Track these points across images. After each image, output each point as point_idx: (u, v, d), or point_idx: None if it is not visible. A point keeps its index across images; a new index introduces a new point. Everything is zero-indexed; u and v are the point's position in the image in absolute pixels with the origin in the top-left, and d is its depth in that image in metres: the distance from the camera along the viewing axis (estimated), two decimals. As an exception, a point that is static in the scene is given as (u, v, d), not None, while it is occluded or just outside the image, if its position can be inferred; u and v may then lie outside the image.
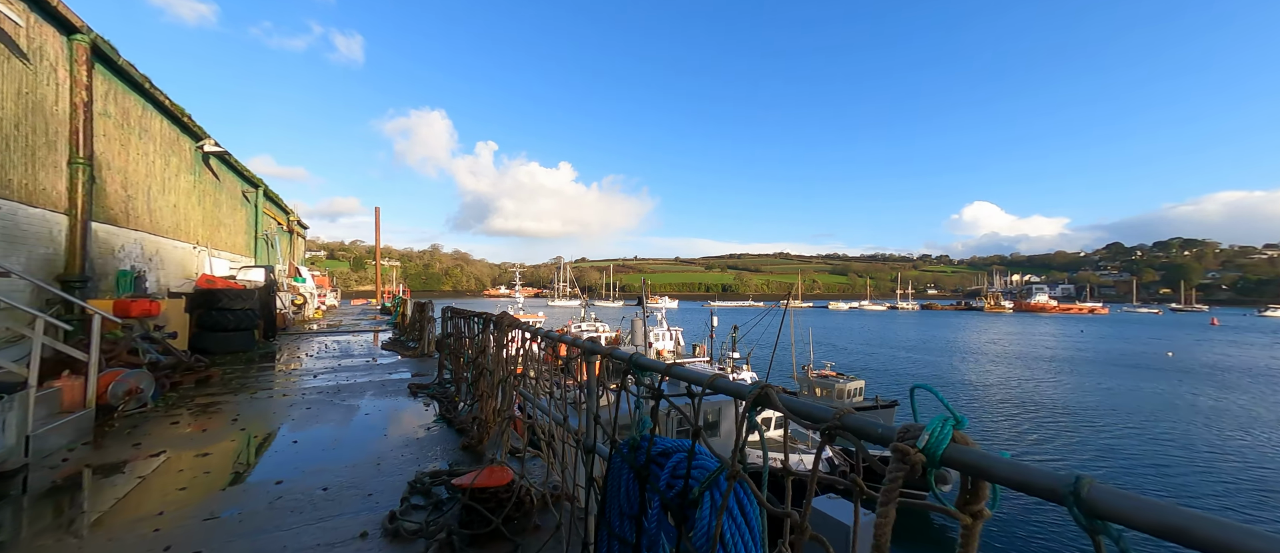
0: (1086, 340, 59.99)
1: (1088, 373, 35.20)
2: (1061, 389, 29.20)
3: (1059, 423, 21.96)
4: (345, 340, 13.32)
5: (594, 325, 41.38)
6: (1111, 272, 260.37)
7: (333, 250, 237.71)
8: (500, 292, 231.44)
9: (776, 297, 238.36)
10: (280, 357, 10.45)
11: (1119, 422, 22.22)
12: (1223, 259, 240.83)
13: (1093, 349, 50.54)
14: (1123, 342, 58.03)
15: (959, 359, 42.86)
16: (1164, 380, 32.21)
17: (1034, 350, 49.56)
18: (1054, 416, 23.24)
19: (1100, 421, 22.41)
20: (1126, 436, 20.27)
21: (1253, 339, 62.20)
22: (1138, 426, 21.62)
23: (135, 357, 6.45)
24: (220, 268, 14.71)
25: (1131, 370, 36.33)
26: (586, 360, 2.80)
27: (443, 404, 6.19)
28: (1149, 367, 38.28)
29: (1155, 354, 46.13)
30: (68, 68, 7.58)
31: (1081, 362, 41.00)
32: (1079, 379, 32.73)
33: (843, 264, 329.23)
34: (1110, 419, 22.59)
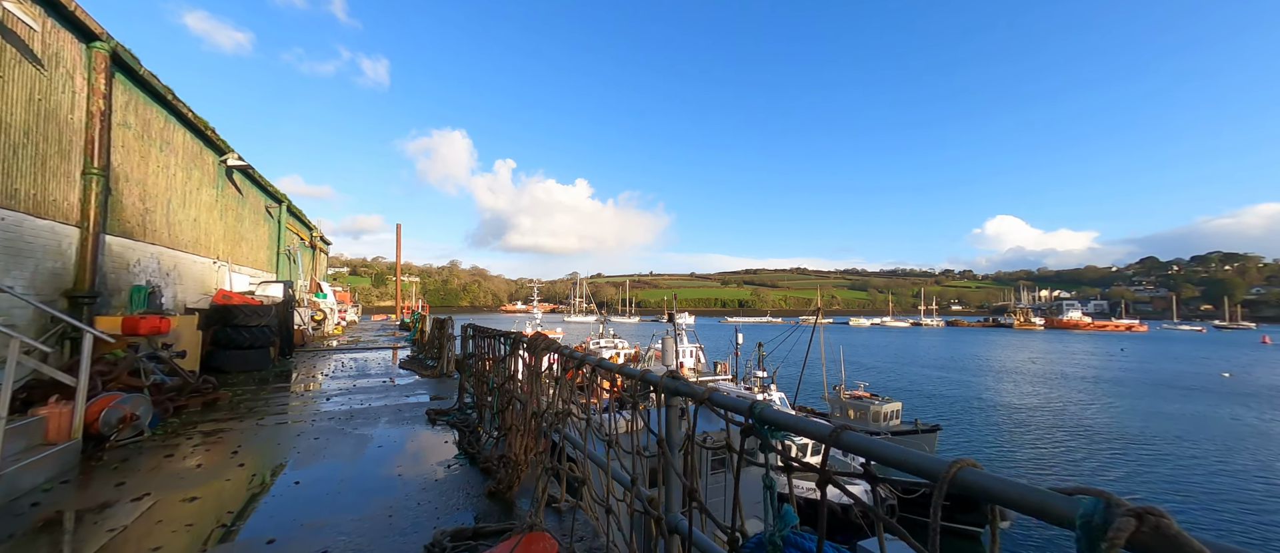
0: (1129, 360, 56.79)
1: (1139, 395, 32.93)
2: (1114, 414, 27.22)
3: (1118, 453, 20.25)
4: (362, 358, 12.85)
5: (613, 342, 40.67)
6: (1147, 287, 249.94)
7: (355, 267, 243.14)
8: (517, 307, 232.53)
9: (795, 312, 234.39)
10: (295, 376, 9.97)
11: (1185, 451, 20.39)
12: (1268, 274, 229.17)
13: (1139, 369, 47.66)
14: (1171, 361, 54.74)
15: (997, 379, 40.73)
16: (1226, 404, 29.86)
17: (1075, 370, 46.97)
18: (1111, 443, 21.49)
19: (1164, 449, 20.61)
20: (1196, 467, 18.51)
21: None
22: (1207, 456, 19.78)
23: (137, 379, 5.96)
24: (240, 283, 14.50)
25: (1187, 393, 33.88)
26: (664, 399, 2.08)
27: (464, 434, 5.52)
28: (1205, 389, 35.70)
29: (1208, 375, 43.19)
30: (86, 76, 7.34)
31: (1129, 383, 38.52)
32: (1131, 402, 30.59)
33: (862, 279, 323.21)
34: (1174, 448, 20.76)
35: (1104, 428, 23.78)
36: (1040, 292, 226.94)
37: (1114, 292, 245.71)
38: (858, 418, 21.22)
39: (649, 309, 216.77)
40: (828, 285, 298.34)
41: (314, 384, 9.12)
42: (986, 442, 21.60)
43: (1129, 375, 43.11)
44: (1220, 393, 33.98)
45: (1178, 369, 47.35)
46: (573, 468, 3.43)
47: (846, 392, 22.64)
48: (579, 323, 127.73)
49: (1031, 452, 20.10)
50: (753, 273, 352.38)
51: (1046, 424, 24.64)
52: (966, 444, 21.37)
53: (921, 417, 21.50)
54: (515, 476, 3.90)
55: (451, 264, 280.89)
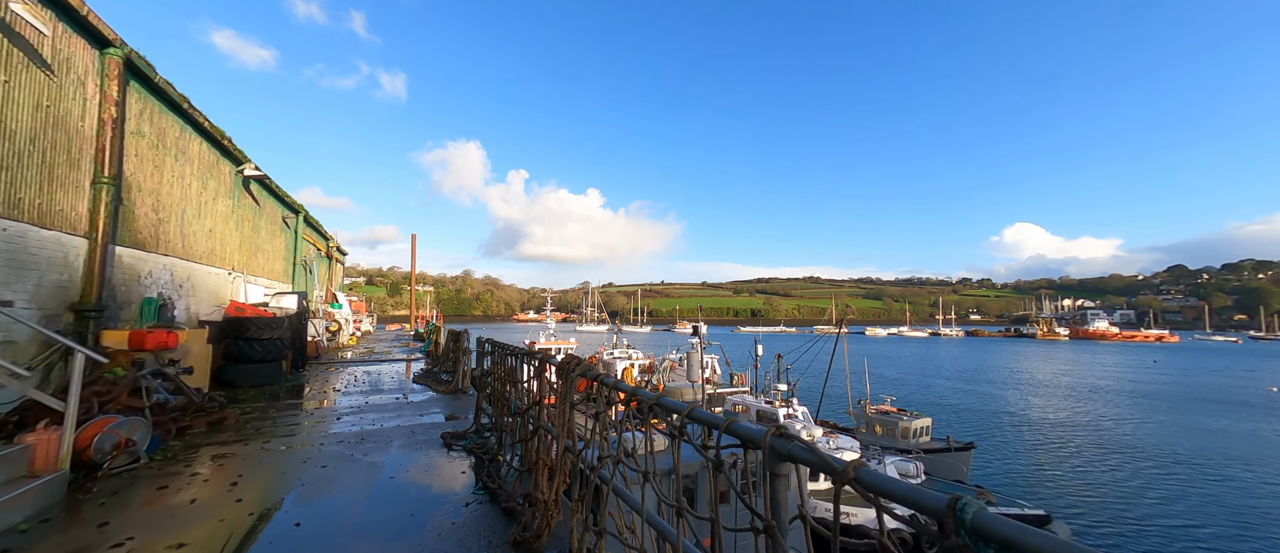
0: (1165, 372, 54.36)
1: (1182, 410, 31.22)
2: (1159, 431, 25.73)
3: (1165, 473, 18.98)
4: (376, 372, 12.50)
5: (626, 352, 40.09)
6: (1176, 296, 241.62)
7: (371, 277, 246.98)
8: (529, 317, 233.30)
9: (808, 322, 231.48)
10: (307, 391, 9.62)
11: (1243, 474, 19.03)
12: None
13: (1177, 382, 45.48)
14: (1211, 374, 52.22)
15: (1028, 393, 39.13)
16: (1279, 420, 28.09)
17: (1109, 383, 44.99)
18: (1157, 463, 20.20)
19: (1219, 471, 19.27)
20: (1260, 491, 17.20)
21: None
22: (1273, 479, 18.41)
23: (138, 399, 5.60)
24: (255, 294, 14.34)
25: (1234, 408, 32.04)
26: (765, 460, 1.55)
27: (482, 462, 5.03)
28: (1253, 404, 33.76)
29: (1254, 389, 40.97)
30: (98, 82, 7.13)
31: (1169, 397, 36.66)
32: (1173, 417, 28.98)
33: (877, 288, 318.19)
34: (1234, 470, 19.40)
35: (1150, 447, 22.42)
36: (1062, 301, 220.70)
37: (1141, 301, 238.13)
38: (885, 435, 20.28)
39: (660, 318, 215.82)
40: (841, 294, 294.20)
41: (326, 401, 8.73)
42: (1024, 461, 20.47)
43: (1168, 389, 41.12)
44: (1271, 409, 32.08)
45: (1220, 383, 45.08)
46: (613, 516, 2.91)
47: (872, 406, 21.71)
48: (591, 332, 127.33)
49: (1073, 474, 18.95)
50: (765, 282, 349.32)
51: (1087, 442, 23.34)
52: (1004, 465, 20.27)
53: (952, 433, 20.47)
54: (545, 521, 3.39)
55: (465, 274, 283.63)
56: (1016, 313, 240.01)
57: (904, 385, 41.82)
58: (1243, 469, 19.41)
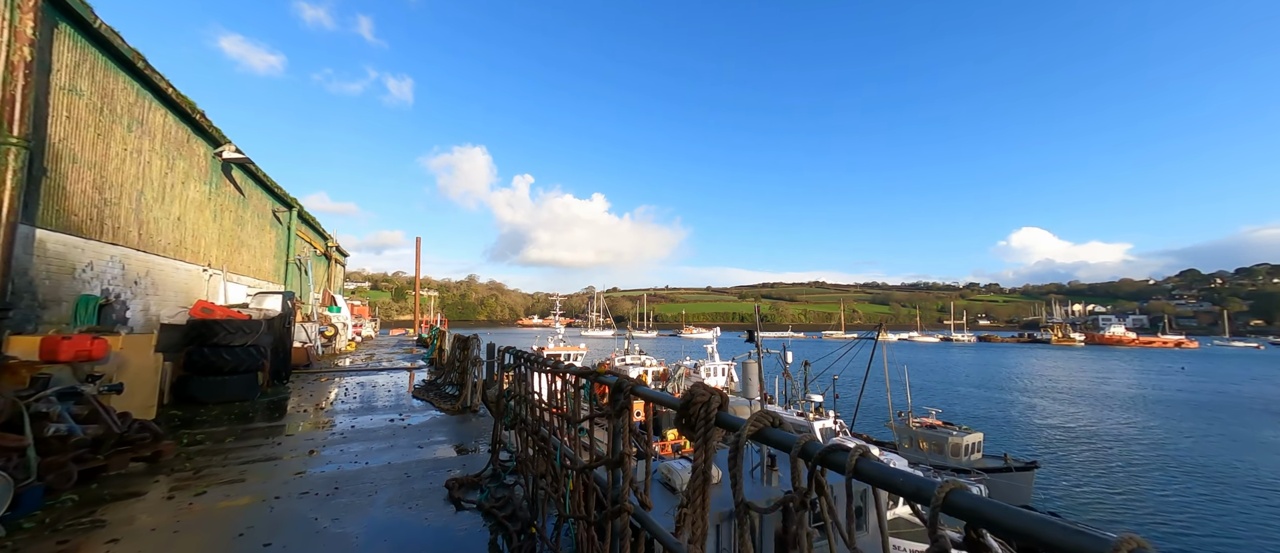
0: (1201, 380, 51.96)
1: (1246, 424, 29.04)
2: (1231, 447, 23.53)
3: (1266, 502, 16.96)
4: (371, 383, 10.82)
5: (639, 359, 38.35)
6: (1189, 301, 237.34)
7: (376, 281, 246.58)
8: (534, 322, 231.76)
9: (815, 327, 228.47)
10: (286, 409, 7.94)
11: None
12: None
13: (1220, 391, 43.15)
14: (1251, 383, 49.75)
15: (1067, 402, 36.97)
16: None
17: (1149, 392, 42.71)
18: (1244, 487, 18.17)
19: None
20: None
21: None
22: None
23: (17, 435, 3.93)
24: (236, 295, 12.73)
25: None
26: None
27: (509, 536, 3.32)
28: None
29: None
30: (5, 15, 5.53)
31: (1224, 407, 34.44)
32: (1241, 430, 26.83)
33: (883, 293, 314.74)
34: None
35: (1231, 469, 20.29)
36: (1073, 305, 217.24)
37: (1153, 306, 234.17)
38: (933, 451, 18.38)
39: (666, 323, 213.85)
40: (848, 299, 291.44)
41: (305, 424, 7.04)
42: (1093, 483, 18.47)
43: (1218, 399, 38.83)
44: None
45: (1270, 392, 42.70)
46: None
47: (915, 419, 19.81)
48: (597, 337, 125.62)
49: (1154, 500, 16.95)
50: (770, 287, 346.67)
51: (1155, 460, 21.28)
52: (1071, 486, 18.29)
53: (1010, 451, 18.51)
54: None
55: (469, 278, 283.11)
56: (1026, 318, 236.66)
57: (930, 394, 39.75)
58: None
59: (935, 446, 18.35)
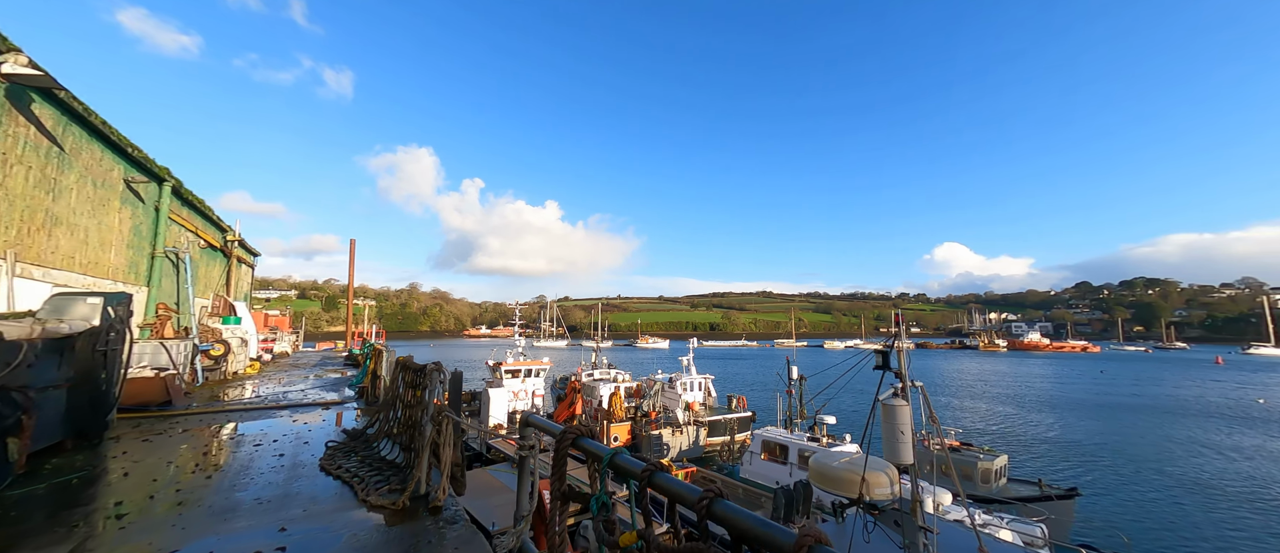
0: (1121, 383, 55.86)
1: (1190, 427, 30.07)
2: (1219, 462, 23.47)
3: None
4: (256, 437, 6.79)
5: (608, 373, 34.80)
6: (1084, 310, 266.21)
7: (305, 290, 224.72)
8: (481, 332, 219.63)
9: (766, 335, 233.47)
10: (34, 522, 3.95)
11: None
12: (1186, 298, 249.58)
13: (1150, 394, 45.99)
14: (1170, 386, 53.87)
15: (1037, 409, 37.36)
16: None
17: (1099, 398, 44.58)
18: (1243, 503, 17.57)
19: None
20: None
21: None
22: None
23: None
24: (39, 294, 8.18)
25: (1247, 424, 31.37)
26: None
27: None
28: (1255, 418, 33.50)
29: (1241, 401, 41.60)
30: None
31: (1164, 412, 36.04)
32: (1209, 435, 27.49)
33: (826, 302, 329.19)
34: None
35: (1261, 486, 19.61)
36: (989, 314, 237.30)
37: (1055, 314, 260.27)
38: (962, 477, 16.36)
39: (620, 333, 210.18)
40: (794, 308, 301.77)
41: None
42: (1147, 511, 17.11)
43: (1152, 403, 40.98)
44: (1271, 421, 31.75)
45: (1196, 394, 45.96)
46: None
47: (934, 441, 17.81)
48: (550, 348, 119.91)
49: (1205, 528, 15.71)
50: (721, 296, 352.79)
51: (1172, 480, 20.49)
52: (1111, 515, 16.82)
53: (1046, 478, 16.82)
54: None
55: (411, 286, 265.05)
56: (950, 325, 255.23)
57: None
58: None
59: (964, 471, 16.34)
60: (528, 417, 2.09)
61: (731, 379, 56.92)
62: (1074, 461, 22.80)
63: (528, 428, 2.10)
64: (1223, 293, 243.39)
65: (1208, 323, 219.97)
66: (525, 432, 2.10)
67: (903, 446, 5.53)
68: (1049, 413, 35.35)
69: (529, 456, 2.06)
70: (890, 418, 5.55)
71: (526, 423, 2.10)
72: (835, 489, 6.13)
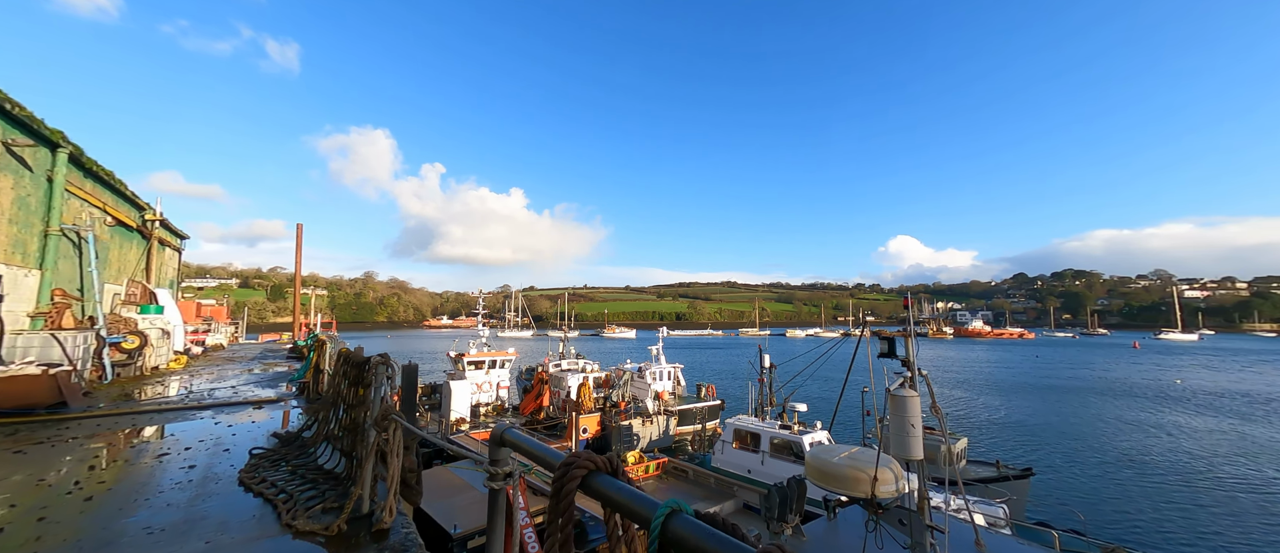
0: (1056, 366, 60.10)
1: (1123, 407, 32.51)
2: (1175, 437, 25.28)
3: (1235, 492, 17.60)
4: (168, 445, 5.72)
5: (576, 363, 34.00)
6: (1020, 299, 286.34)
7: (247, 278, 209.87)
8: (442, 323, 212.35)
9: (731, 325, 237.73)
10: None
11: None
12: (1108, 288, 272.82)
13: (1083, 377, 49.60)
14: (1100, 370, 58.33)
15: (981, 393, 39.42)
16: (1226, 416, 29.85)
17: (1035, 381, 47.58)
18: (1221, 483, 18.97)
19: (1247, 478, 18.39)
20: None
21: (1206, 361, 65.35)
22: None
23: None
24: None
25: (1170, 403, 34.20)
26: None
27: None
28: (1176, 397, 36.61)
29: (1161, 381, 45.38)
30: None
31: (1097, 393, 38.87)
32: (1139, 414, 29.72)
33: (788, 292, 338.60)
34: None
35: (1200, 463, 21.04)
36: (937, 303, 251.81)
37: (995, 303, 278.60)
38: (928, 460, 16.75)
39: (587, 323, 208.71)
40: (758, 297, 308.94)
41: None
42: (1081, 488, 18.08)
43: (1089, 385, 44.11)
44: (1186, 401, 34.77)
45: (1123, 377, 49.83)
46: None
47: (901, 425, 18.21)
48: (515, 338, 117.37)
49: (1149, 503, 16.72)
50: (686, 286, 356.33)
51: (1116, 457, 21.81)
52: (1066, 493, 17.70)
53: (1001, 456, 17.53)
54: None
55: (366, 275, 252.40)
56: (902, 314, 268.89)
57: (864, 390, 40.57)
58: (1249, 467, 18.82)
59: (929, 456, 16.72)
60: (504, 432, 1.39)
61: (699, 368, 57.31)
62: (1023, 441, 24.07)
63: (503, 448, 1.39)
64: (1138, 284, 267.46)
65: (1125, 311, 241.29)
66: (499, 453, 1.40)
67: (913, 440, 5.19)
68: (996, 396, 37.40)
69: (503, 487, 1.37)
70: (899, 410, 5.19)
71: (502, 440, 1.39)
72: (838, 487, 5.78)
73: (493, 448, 1.40)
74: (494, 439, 1.39)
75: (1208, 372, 53.10)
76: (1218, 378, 47.37)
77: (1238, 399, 34.80)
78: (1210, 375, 49.47)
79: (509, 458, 1.40)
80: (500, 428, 1.38)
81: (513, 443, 1.31)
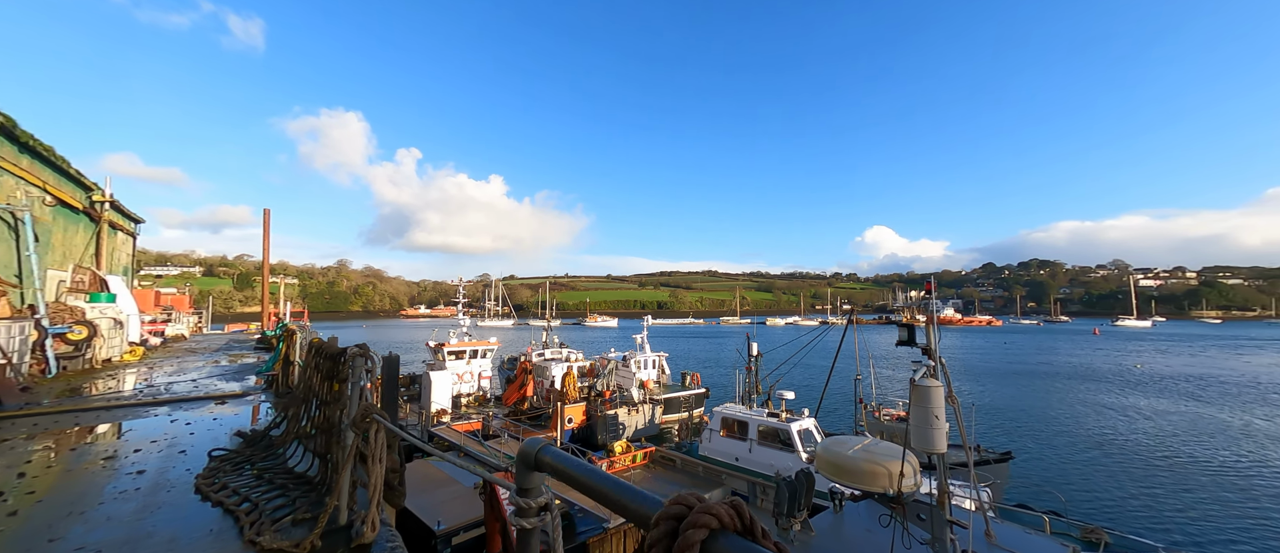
0: (1025, 353, 62.44)
1: (1089, 391, 33.90)
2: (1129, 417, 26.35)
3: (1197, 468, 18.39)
4: (115, 445, 5.13)
5: (560, 352, 33.52)
6: (989, 288, 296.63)
7: (212, 266, 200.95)
8: (420, 312, 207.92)
9: (712, 313, 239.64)
10: None
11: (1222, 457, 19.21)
12: (1069, 277, 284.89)
13: (1051, 362, 51.60)
14: (1065, 355, 60.77)
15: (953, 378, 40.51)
16: (1181, 398, 31.34)
17: (1006, 366, 49.33)
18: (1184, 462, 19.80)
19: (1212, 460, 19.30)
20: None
21: (1160, 346, 68.86)
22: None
23: None
24: None
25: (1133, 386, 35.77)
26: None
27: None
28: (1137, 381, 38.32)
29: (1122, 366, 47.44)
30: None
31: (1065, 377, 40.47)
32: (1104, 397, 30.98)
33: (767, 281, 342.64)
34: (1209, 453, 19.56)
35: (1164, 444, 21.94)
36: (911, 292, 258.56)
37: (965, 292, 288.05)
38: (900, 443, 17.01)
39: (568, 312, 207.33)
40: (738, 287, 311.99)
41: None
42: (1064, 469, 18.66)
43: (1054, 370, 45.90)
44: (1147, 385, 36.45)
45: (1086, 362, 51.99)
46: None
47: (885, 411, 18.46)
48: (496, 328, 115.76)
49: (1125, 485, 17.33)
50: (668, 275, 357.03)
51: (1096, 440, 22.61)
52: (1045, 476, 18.23)
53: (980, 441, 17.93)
54: None
55: (340, 263, 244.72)
56: (877, 303, 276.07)
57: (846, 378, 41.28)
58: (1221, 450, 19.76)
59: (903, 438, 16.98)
60: (540, 451, 0.96)
61: (683, 357, 57.50)
62: (997, 425, 24.82)
63: (537, 473, 0.97)
64: (1098, 273, 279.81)
65: (1085, 299, 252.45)
66: (531, 479, 0.98)
67: (936, 432, 4.99)
68: (971, 382, 38.55)
69: (537, 526, 0.97)
70: (922, 401, 4.97)
71: (537, 461, 0.94)
72: (854, 482, 5.58)
73: (522, 473, 1.00)
74: (526, 461, 0.98)
75: (1162, 357, 55.91)
76: (1172, 362, 49.93)
77: (1191, 382, 36.70)
78: (1165, 360, 52.10)
79: (543, 487, 1.00)
80: (532, 446, 0.99)
81: (552, 466, 0.92)
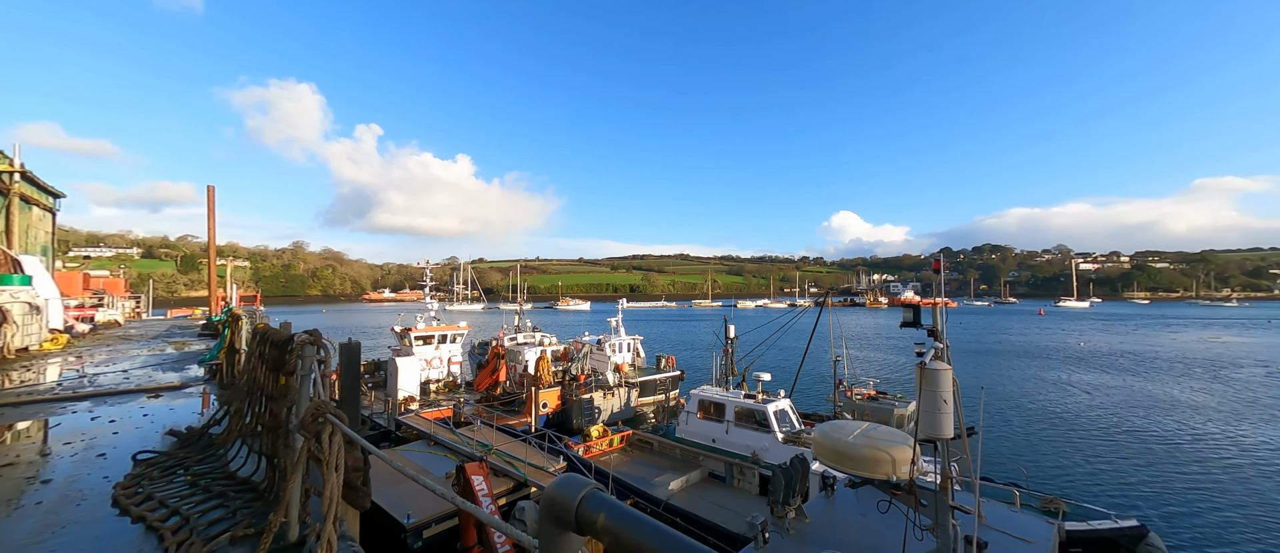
0: (978, 332, 65.89)
1: (1038, 367, 35.94)
2: (1090, 392, 27.88)
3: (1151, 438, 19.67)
4: (18, 448, 4.39)
5: (533, 336, 32.86)
6: (946, 272, 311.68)
7: (152, 248, 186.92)
8: (383, 296, 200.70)
9: (684, 297, 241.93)
10: None
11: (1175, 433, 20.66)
12: (1018, 261, 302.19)
13: (1002, 341, 54.50)
14: (1015, 334, 64.34)
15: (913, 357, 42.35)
16: (1122, 373, 33.61)
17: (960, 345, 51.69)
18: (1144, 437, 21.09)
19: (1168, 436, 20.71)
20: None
21: (1098, 325, 73.96)
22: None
23: None
24: None
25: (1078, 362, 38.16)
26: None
27: None
28: (1081, 357, 40.91)
29: (1067, 343, 50.50)
30: None
31: (1016, 355, 42.78)
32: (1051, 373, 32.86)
33: (738, 265, 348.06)
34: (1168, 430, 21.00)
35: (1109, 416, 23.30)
36: (874, 276, 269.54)
37: (924, 275, 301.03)
38: (880, 424, 17.51)
39: (540, 296, 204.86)
40: (709, 270, 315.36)
41: None
42: (1031, 446, 19.62)
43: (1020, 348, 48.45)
44: (1094, 361, 39.03)
45: (1034, 340, 55.19)
46: None
47: (858, 391, 18.92)
48: (465, 312, 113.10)
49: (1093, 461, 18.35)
50: (640, 258, 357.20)
51: (1056, 414, 23.88)
52: (1008, 450, 19.13)
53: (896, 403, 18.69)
54: None
55: (296, 245, 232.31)
56: (842, 286, 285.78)
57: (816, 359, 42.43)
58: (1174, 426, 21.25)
59: (881, 419, 17.48)
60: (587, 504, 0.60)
61: (656, 340, 57.69)
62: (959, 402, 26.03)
63: (571, 535, 0.62)
64: (1043, 257, 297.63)
65: (1032, 281, 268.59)
66: (560, 546, 0.62)
67: (944, 417, 4.84)
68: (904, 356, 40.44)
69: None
70: (931, 385, 4.80)
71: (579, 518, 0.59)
72: (853, 468, 5.46)
73: (548, 534, 0.62)
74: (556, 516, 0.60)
75: (1102, 335, 60.07)
76: (1110, 340, 53.70)
77: (1128, 358, 39.58)
78: (1104, 338, 56.00)
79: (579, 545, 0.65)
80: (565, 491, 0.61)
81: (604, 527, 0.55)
